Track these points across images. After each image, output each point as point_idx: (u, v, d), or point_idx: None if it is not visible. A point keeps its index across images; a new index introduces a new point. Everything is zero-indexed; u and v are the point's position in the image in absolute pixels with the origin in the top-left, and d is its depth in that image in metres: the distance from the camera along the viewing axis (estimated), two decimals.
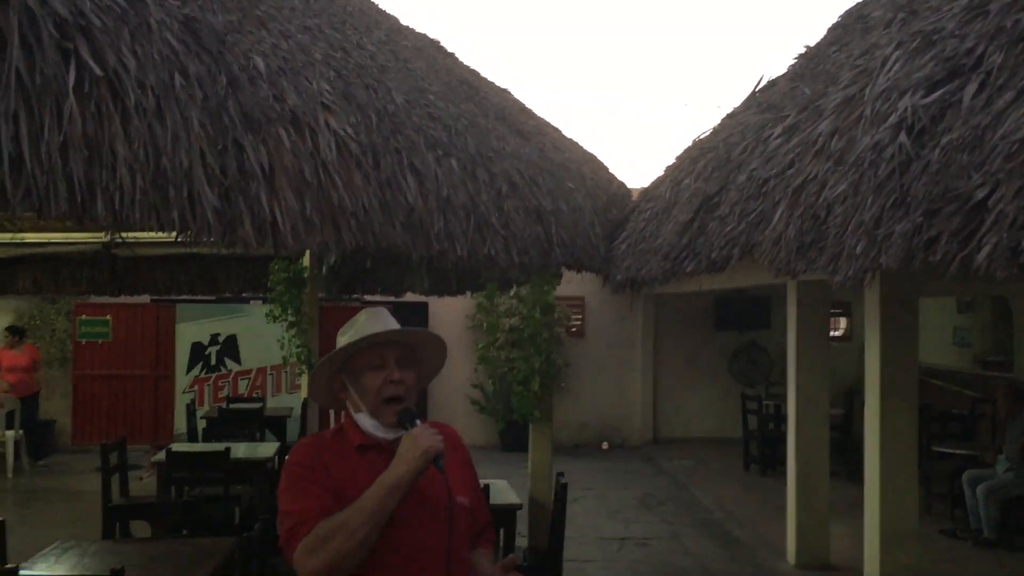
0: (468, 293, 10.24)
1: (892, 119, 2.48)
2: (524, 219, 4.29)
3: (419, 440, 2.14)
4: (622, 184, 6.33)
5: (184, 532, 5.16)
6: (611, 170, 6.63)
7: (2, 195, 1.80)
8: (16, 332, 11.74)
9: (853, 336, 13.63)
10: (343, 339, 2.34)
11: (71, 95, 1.90)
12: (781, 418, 10.63)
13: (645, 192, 5.65)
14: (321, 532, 2.07)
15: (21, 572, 3.73)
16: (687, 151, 5.25)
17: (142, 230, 2.13)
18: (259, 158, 2.46)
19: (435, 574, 2.17)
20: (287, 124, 2.67)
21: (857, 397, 10.41)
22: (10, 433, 10.93)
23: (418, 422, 2.24)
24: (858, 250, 2.44)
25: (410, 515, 2.16)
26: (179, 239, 2.25)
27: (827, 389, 7.37)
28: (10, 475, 10.84)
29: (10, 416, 11.10)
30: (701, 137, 5.43)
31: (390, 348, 2.30)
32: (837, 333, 13.43)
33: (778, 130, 3.61)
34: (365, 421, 2.28)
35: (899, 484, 5.83)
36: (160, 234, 9.42)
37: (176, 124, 2.18)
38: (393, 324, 2.36)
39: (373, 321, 2.34)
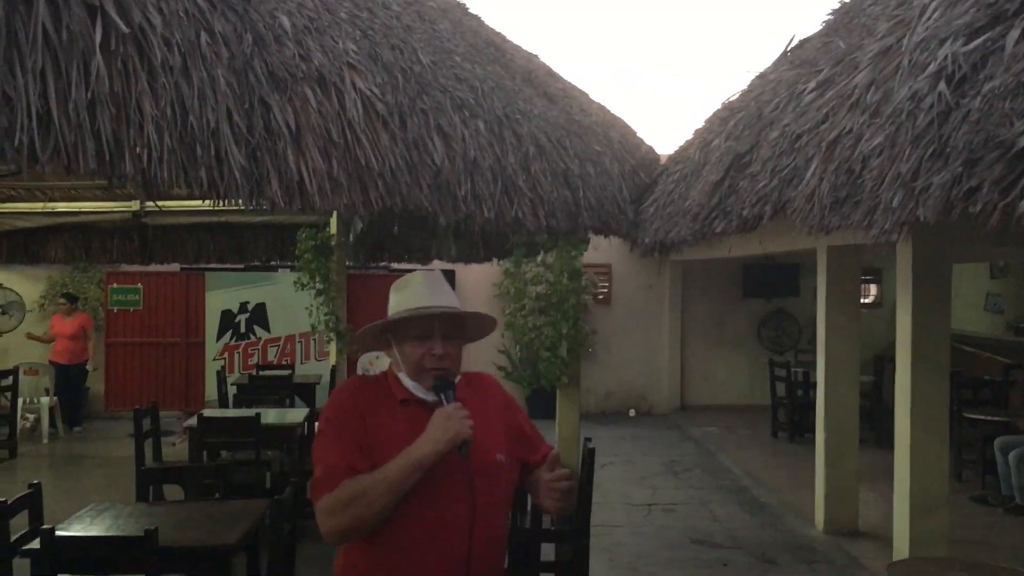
0: (495, 260, 10.24)
1: (931, 68, 2.41)
2: (551, 182, 4.26)
3: (449, 424, 2.15)
4: (650, 149, 6.27)
5: (216, 496, 5.23)
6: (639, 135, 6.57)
7: (31, 152, 1.80)
8: (71, 299, 11.92)
9: (884, 303, 13.49)
10: (395, 297, 2.34)
11: (98, 52, 1.89)
12: (810, 385, 10.58)
13: (673, 156, 5.58)
14: (343, 496, 2.12)
15: (58, 532, 3.79)
16: (716, 113, 5.17)
17: (170, 188, 2.13)
18: (285, 117, 2.45)
19: (458, 542, 2.18)
20: (313, 84, 2.66)
21: (887, 364, 10.34)
22: (45, 400, 11.11)
23: (452, 394, 2.24)
24: (894, 203, 2.39)
25: (435, 484, 2.18)
26: (207, 199, 2.24)
27: (857, 355, 7.30)
28: (45, 440, 11.04)
29: (52, 379, 11.32)
30: (730, 99, 5.36)
31: (437, 319, 2.31)
32: (867, 300, 13.29)
33: (812, 85, 3.52)
34: (407, 380, 2.31)
35: (930, 450, 5.78)
36: (189, 202, 9.49)
37: (202, 82, 2.17)
38: (446, 294, 2.34)
39: (427, 289, 2.32)
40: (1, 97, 1.71)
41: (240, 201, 2.30)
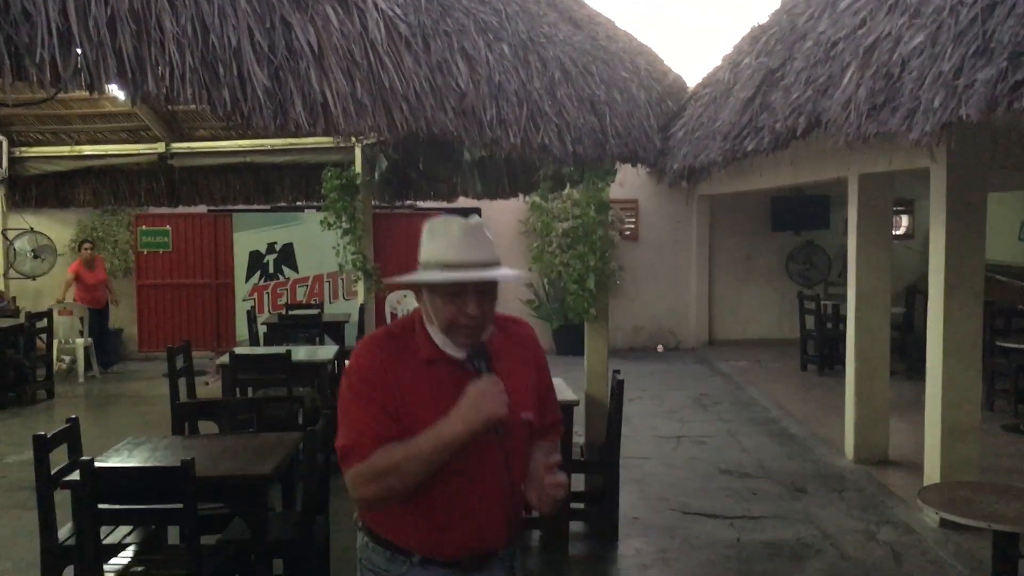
0: (521, 196, 10.18)
1: None
2: (578, 108, 4.19)
3: (484, 403, 2.06)
4: (678, 77, 6.14)
5: (250, 430, 5.30)
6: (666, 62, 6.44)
7: (53, 71, 1.78)
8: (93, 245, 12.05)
9: (915, 234, 13.31)
10: (430, 244, 2.17)
11: None
12: (840, 318, 10.51)
13: (702, 82, 5.47)
14: (377, 467, 2.08)
15: (96, 463, 3.86)
16: (746, 36, 5.05)
17: (194, 107, 2.11)
18: (307, 37, 2.41)
19: (492, 500, 2.18)
20: (334, 2, 2.60)
21: (919, 296, 10.23)
22: (80, 341, 11.30)
23: (486, 365, 2.13)
24: (936, 103, 2.31)
25: (463, 460, 2.13)
26: (231, 121, 2.21)
27: (888, 286, 7.23)
28: (81, 380, 11.26)
29: (83, 322, 11.49)
30: (760, 22, 5.22)
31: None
32: (899, 231, 13.12)
33: None
34: (437, 335, 2.20)
35: (962, 379, 5.74)
36: (214, 144, 9.50)
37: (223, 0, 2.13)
38: (483, 247, 2.16)
39: (465, 244, 2.14)
40: (21, 13, 1.68)
41: (264, 123, 2.27)
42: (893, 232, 7.94)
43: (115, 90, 2.02)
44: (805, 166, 7.52)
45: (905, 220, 13.59)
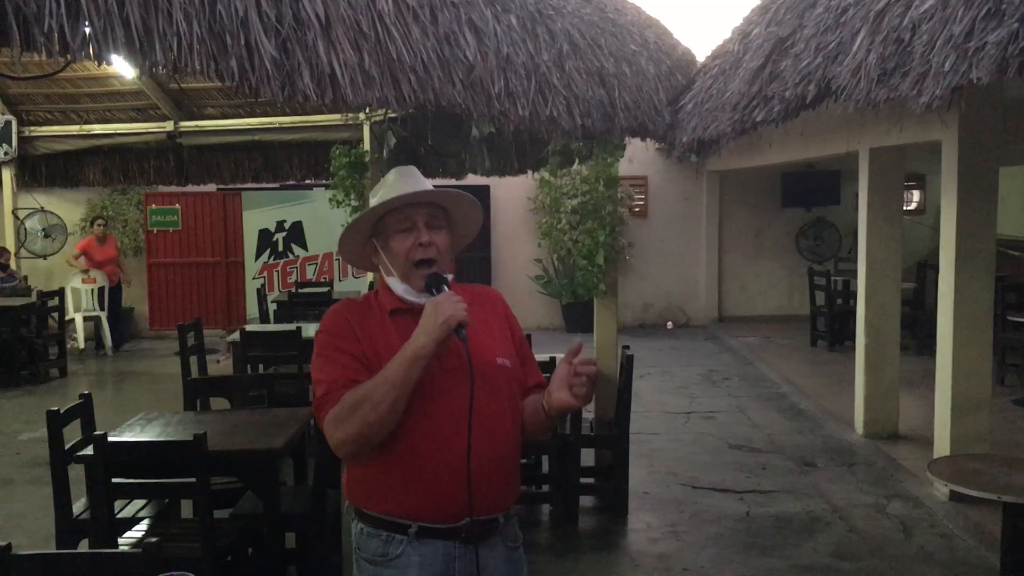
0: (530, 173, 10.15)
1: None
2: (586, 81, 4.17)
3: (440, 308, 2.04)
4: (687, 50, 6.10)
5: (261, 406, 5.32)
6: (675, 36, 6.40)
7: (62, 41, 1.78)
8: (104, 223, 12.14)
9: (927, 210, 13.24)
10: (373, 200, 2.25)
11: None
12: (850, 294, 10.49)
13: (711, 54, 5.44)
14: (348, 403, 2.06)
15: (110, 438, 3.90)
16: (756, 7, 5.00)
17: (202, 78, 2.10)
18: (315, 7, 2.39)
19: (457, 440, 2.09)
20: None
21: (930, 271, 10.19)
22: (103, 313, 11.50)
23: (446, 288, 2.14)
24: (946, 66, 2.29)
25: (434, 384, 2.11)
26: (238, 93, 2.20)
27: (899, 260, 7.20)
28: (108, 352, 11.43)
29: (100, 295, 11.64)
30: None
31: (419, 209, 2.21)
32: (910, 206, 13.04)
33: None
34: (397, 285, 2.22)
35: (972, 353, 5.73)
36: (223, 122, 9.49)
37: None
38: (423, 183, 2.24)
39: (402, 181, 2.23)
40: None
41: (272, 94, 2.26)
42: (904, 207, 7.91)
43: (122, 61, 2.02)
44: (816, 139, 7.48)
45: (916, 195, 13.51)
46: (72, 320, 11.51)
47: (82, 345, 11.72)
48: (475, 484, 2.11)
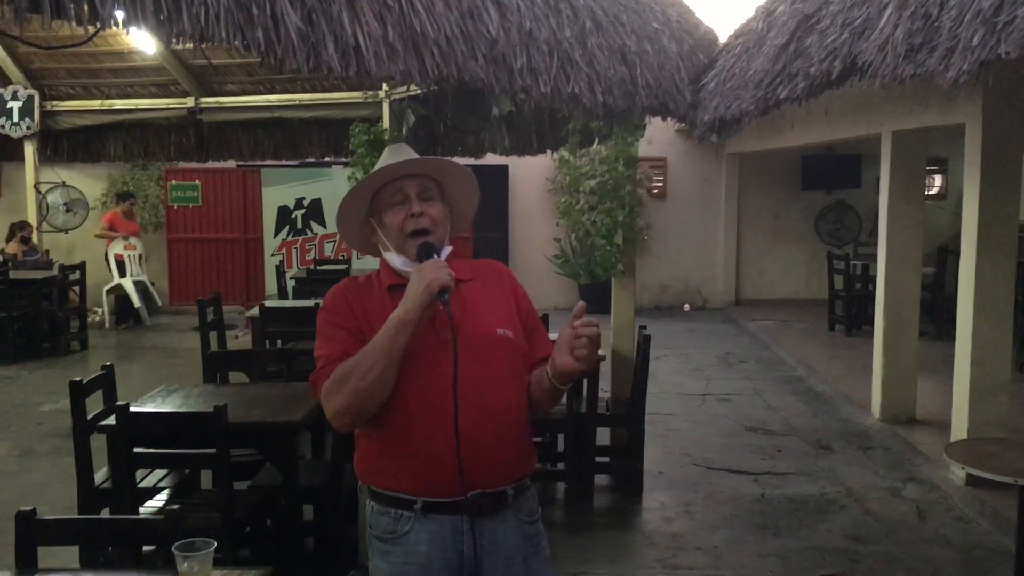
0: (549, 153, 10.14)
1: None
2: (608, 58, 4.15)
3: (423, 273, 2.06)
4: (709, 29, 6.05)
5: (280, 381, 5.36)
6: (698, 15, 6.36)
7: (91, 9, 1.80)
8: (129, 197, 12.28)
9: (948, 194, 13.13)
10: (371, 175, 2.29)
11: None
12: (869, 278, 10.43)
13: (734, 33, 5.40)
14: (339, 374, 2.08)
15: (132, 408, 3.94)
16: None
17: (228, 47, 2.12)
18: None
19: (445, 412, 2.09)
20: None
21: (950, 256, 10.12)
22: (144, 279, 11.73)
23: (435, 256, 2.15)
24: (974, 41, 2.27)
25: (427, 355, 2.11)
26: (264, 64, 2.21)
27: (920, 244, 7.16)
28: (146, 321, 11.77)
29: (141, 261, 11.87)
30: None
31: (410, 182, 2.23)
32: (932, 191, 12.93)
33: None
34: (394, 259, 2.23)
35: (992, 337, 5.71)
36: (243, 98, 9.53)
37: None
38: (412, 157, 2.26)
39: (392, 156, 2.26)
40: None
41: (296, 65, 2.28)
42: (926, 191, 7.85)
43: (146, 33, 2.03)
44: (838, 121, 7.43)
45: (938, 179, 13.40)
46: (118, 286, 11.72)
47: (107, 320, 11.91)
48: (466, 456, 2.09)
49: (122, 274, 11.80)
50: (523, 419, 2.25)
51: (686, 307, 13.74)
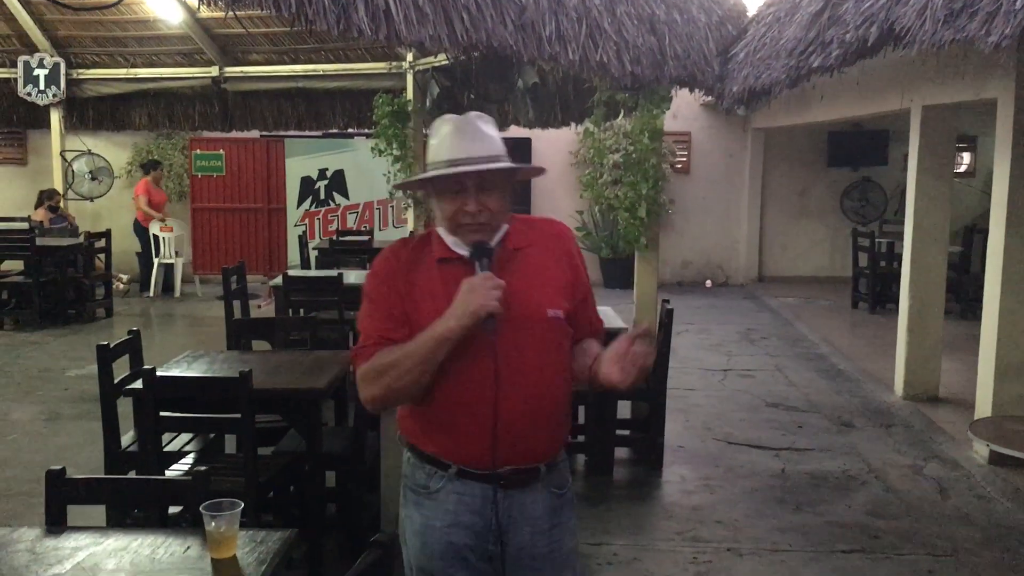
0: (572, 126, 10.09)
1: None
2: (637, 27, 4.11)
3: (472, 296, 2.02)
4: (739, 1, 6.01)
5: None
6: None
7: None
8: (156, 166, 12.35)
9: (977, 173, 12.97)
10: (430, 143, 2.17)
11: None
12: (895, 256, 10.34)
13: (766, 2, 5.33)
14: (377, 365, 2.09)
15: (158, 372, 3.98)
16: None
17: (260, 10, 2.11)
18: None
19: (484, 400, 2.09)
20: None
21: (977, 235, 10.01)
22: (180, 259, 11.89)
23: (488, 263, 2.10)
24: (1017, 4, 2.22)
25: (470, 342, 2.08)
26: (293, 23, 2.21)
27: (947, 222, 7.08)
28: (177, 295, 11.87)
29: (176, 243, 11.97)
30: None
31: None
32: (960, 169, 12.77)
33: None
34: (447, 236, 2.19)
35: (1019, 317, 5.65)
36: (268, 68, 9.55)
37: None
38: (480, 140, 2.10)
39: (458, 138, 2.10)
40: None
41: (327, 26, 2.26)
42: (954, 169, 7.76)
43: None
44: (868, 95, 7.33)
45: (967, 157, 13.23)
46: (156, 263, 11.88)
47: (126, 288, 12.03)
48: (502, 436, 2.11)
49: (156, 252, 11.89)
50: (565, 401, 2.25)
51: (708, 283, 13.68)
